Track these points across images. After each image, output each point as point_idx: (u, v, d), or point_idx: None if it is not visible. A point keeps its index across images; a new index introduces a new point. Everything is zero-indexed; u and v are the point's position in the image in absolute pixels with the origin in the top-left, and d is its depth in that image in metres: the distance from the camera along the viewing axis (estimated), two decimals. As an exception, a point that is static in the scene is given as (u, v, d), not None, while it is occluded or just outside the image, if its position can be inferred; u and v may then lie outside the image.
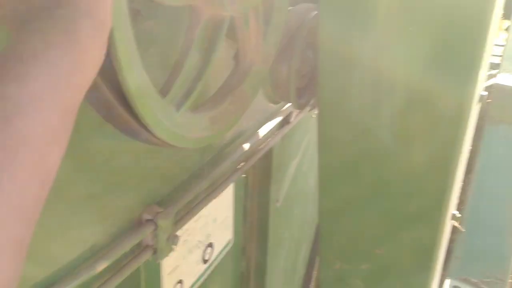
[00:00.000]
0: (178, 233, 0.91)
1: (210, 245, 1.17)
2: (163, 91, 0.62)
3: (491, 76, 2.59)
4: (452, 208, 1.06)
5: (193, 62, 0.65)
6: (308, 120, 1.52)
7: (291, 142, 1.42)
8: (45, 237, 0.61)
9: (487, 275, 1.96)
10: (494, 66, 2.90)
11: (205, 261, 1.16)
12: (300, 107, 1.03)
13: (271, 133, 1.12)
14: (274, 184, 1.33)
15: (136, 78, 0.53)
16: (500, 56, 2.10)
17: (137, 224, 0.78)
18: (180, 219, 0.87)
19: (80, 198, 0.65)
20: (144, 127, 0.58)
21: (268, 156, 1.24)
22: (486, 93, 1.13)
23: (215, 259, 1.20)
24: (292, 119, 1.23)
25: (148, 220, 0.78)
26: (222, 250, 1.23)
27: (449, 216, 1.03)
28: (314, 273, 1.57)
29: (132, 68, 0.53)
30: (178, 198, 0.84)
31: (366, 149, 0.92)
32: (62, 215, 0.63)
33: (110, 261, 0.69)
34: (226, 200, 1.18)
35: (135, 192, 0.77)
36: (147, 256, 0.79)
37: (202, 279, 1.15)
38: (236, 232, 1.29)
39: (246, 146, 1.01)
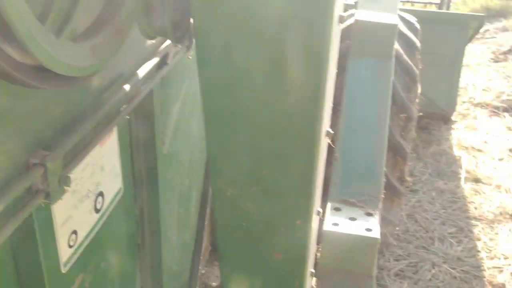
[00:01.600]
0: (66, 181, 0.90)
1: (101, 194, 1.16)
2: (41, 18, 0.60)
3: (349, 16, 2.77)
4: (325, 127, 1.16)
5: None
6: (186, 65, 1.53)
7: (171, 86, 1.43)
8: None
9: (362, 195, 2.16)
10: (351, 6, 3.10)
11: (97, 211, 1.16)
12: (177, 40, 1.04)
13: (150, 74, 1.12)
14: (158, 128, 1.34)
15: (14, 4, 0.52)
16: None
17: (25, 168, 0.75)
18: (69, 163, 0.86)
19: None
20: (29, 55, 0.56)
21: (149, 99, 1.24)
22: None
23: (107, 208, 1.20)
24: (169, 61, 1.23)
25: (35, 164, 0.76)
26: (113, 199, 1.23)
27: (323, 133, 1.13)
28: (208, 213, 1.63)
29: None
30: (64, 141, 0.82)
31: (245, 89, 0.97)
32: None
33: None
34: (111, 147, 1.17)
35: (18, 136, 0.74)
36: (39, 200, 0.77)
37: (96, 229, 1.15)
38: (126, 181, 1.29)
39: (127, 87, 1.01)
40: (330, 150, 2.33)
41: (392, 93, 2.64)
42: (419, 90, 3.59)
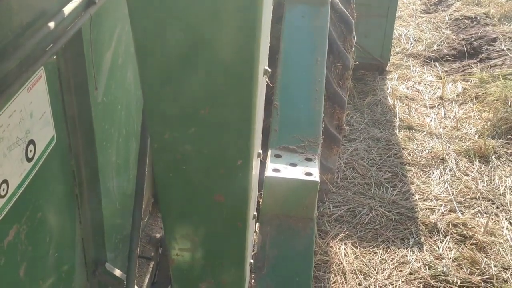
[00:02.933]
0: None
1: (32, 142, 1.11)
2: None
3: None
4: (262, 64, 1.15)
5: None
6: (117, 8, 1.46)
7: (102, 30, 1.37)
8: None
9: (302, 141, 2.19)
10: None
11: (29, 160, 1.11)
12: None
13: (77, 13, 1.06)
14: (90, 73, 1.29)
15: None
16: None
17: None
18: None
19: None
20: None
21: (78, 41, 1.18)
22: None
23: (40, 157, 1.15)
24: (97, 0, 1.17)
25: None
26: (46, 148, 1.18)
27: (260, 70, 1.12)
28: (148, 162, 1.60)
29: None
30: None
31: (178, 28, 0.93)
32: None
33: None
34: (40, 92, 1.12)
35: None
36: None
37: (29, 179, 1.10)
38: (59, 129, 1.24)
39: (51, 25, 0.95)
40: (269, 100, 2.34)
41: (328, 42, 2.66)
42: (355, 40, 3.63)
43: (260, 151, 1.44)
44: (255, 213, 1.68)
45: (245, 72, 0.98)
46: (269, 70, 1.24)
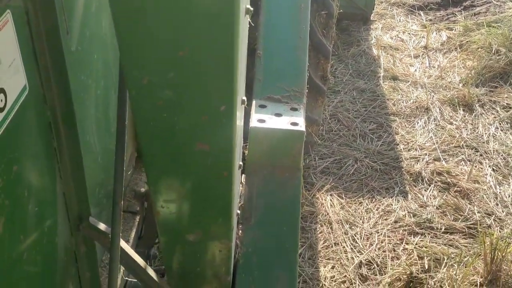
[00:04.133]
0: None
1: (2, 91, 1.05)
2: None
3: None
4: (243, 3, 1.09)
5: None
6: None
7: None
8: None
9: (287, 90, 2.14)
10: None
11: (0, 110, 1.05)
12: None
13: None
14: (61, 18, 1.21)
15: None
16: None
17: None
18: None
19: None
20: None
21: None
22: None
23: (12, 107, 1.09)
24: None
25: None
26: (18, 98, 1.11)
27: (242, 9, 1.06)
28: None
29: None
30: None
31: None
32: None
33: None
34: (7, 38, 1.05)
35: None
36: None
37: (1, 130, 1.05)
38: (31, 78, 1.17)
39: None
40: (252, 51, 2.27)
41: (312, -11, 2.57)
42: (339, -13, 3.55)
43: (244, 98, 1.39)
44: (241, 163, 1.64)
45: (225, 9, 0.92)
46: (251, 9, 1.18)
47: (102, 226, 1.48)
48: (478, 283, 3.04)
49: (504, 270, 3.07)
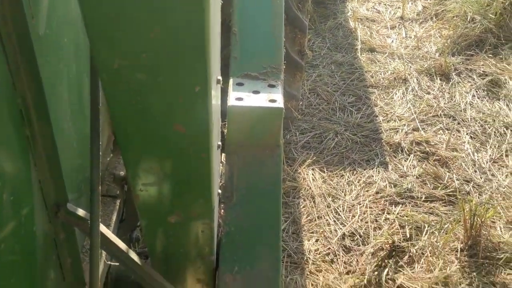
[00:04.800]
0: None
1: (-32, 80, 1.02)
2: None
3: None
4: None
5: None
6: None
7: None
8: None
9: (264, 67, 2.12)
10: None
11: (-33, 99, 1.02)
12: None
13: None
14: (26, 3, 1.17)
15: None
16: None
17: None
18: None
19: None
20: None
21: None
22: None
23: (-20, 96, 1.06)
24: None
25: None
26: (-14, 86, 1.08)
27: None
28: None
29: None
30: None
31: None
32: None
33: None
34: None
35: None
36: None
37: (-30, 120, 1.02)
38: (-1, 66, 1.14)
39: None
40: (227, 28, 2.24)
41: (285, -38, 2.53)
42: (313, -41, 3.50)
43: (220, 77, 1.38)
44: (220, 143, 1.64)
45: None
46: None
47: (81, 212, 1.46)
48: (459, 249, 3.11)
49: (483, 235, 3.14)
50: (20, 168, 1.28)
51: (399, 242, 3.13)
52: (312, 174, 3.72)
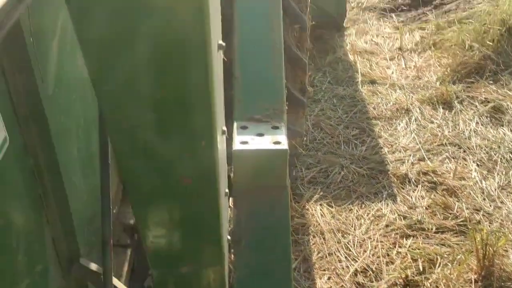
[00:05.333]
0: None
1: (-18, 147, 1.06)
2: None
3: None
4: (215, 39, 1.11)
5: None
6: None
7: (43, 19, 1.29)
8: None
9: (267, 109, 2.16)
10: None
11: (-18, 165, 1.05)
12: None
13: (12, 5, 0.99)
14: (36, 67, 1.22)
15: None
16: None
17: None
18: None
19: None
20: None
21: (19, 33, 1.11)
22: None
23: (-6, 161, 1.09)
24: (33, -11, 1.09)
25: None
26: (-1, 150, 1.12)
27: (214, 46, 1.08)
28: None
29: None
30: None
31: (123, 19, 0.88)
32: None
33: None
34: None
35: None
36: None
37: (-15, 184, 1.05)
38: (11, 129, 1.18)
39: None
40: (229, 72, 2.29)
41: (283, 5, 2.61)
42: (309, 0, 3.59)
43: (225, 128, 1.41)
44: (227, 190, 1.66)
45: (198, 48, 0.94)
46: (224, 44, 1.20)
47: (93, 266, 1.48)
48: (473, 280, 3.07)
49: (497, 265, 3.10)
50: (34, 227, 1.30)
51: (413, 276, 3.10)
52: (320, 210, 3.71)
